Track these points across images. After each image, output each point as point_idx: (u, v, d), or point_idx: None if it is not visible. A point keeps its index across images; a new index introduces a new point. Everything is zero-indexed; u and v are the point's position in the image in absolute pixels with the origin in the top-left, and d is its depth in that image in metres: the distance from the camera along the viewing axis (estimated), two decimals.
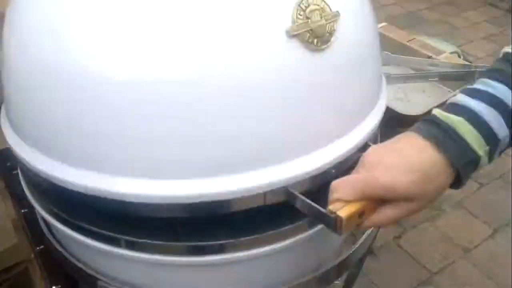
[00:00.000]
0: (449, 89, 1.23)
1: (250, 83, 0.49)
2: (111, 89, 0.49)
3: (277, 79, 0.50)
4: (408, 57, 1.21)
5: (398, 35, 1.31)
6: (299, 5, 0.49)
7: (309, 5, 0.50)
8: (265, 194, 0.52)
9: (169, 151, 0.49)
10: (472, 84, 0.48)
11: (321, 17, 0.50)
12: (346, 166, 0.58)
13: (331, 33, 0.51)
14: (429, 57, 1.24)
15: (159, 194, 0.50)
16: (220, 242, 0.55)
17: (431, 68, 1.20)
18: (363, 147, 0.59)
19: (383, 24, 1.32)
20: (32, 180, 0.62)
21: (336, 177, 0.56)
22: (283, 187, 0.53)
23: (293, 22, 0.49)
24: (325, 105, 0.54)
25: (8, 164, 0.77)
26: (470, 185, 1.70)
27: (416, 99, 1.20)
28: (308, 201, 0.52)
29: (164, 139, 0.49)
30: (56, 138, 0.53)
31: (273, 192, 0.52)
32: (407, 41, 1.28)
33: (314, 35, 0.50)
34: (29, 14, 0.55)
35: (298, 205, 0.53)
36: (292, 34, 0.49)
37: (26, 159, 0.57)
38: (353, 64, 0.55)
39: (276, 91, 0.50)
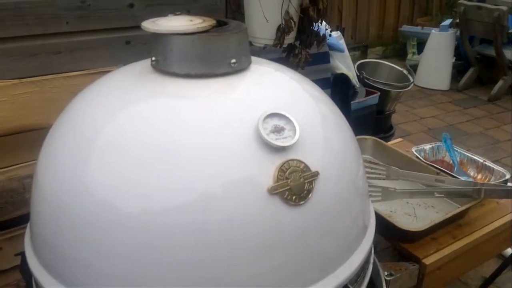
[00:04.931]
0: (458, 205, 1.24)
1: (233, 234, 0.55)
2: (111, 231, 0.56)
3: (257, 230, 0.56)
4: (416, 172, 1.24)
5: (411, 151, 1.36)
6: (280, 167, 0.56)
7: (289, 167, 0.57)
8: None
9: None
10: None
11: (300, 177, 0.57)
12: None
13: (309, 191, 0.57)
14: (438, 173, 1.27)
15: None
16: None
17: (438, 184, 1.22)
18: None
19: (399, 140, 1.37)
20: None
21: None
22: None
23: (274, 181, 0.56)
24: (303, 253, 0.59)
25: None
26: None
27: (423, 215, 1.21)
28: None
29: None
30: (61, 266, 0.60)
31: None
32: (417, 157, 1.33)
33: (292, 193, 0.56)
34: (58, 152, 0.64)
35: None
36: (272, 193, 0.55)
37: (38, 277, 0.64)
38: (332, 216, 0.61)
39: (256, 242, 0.56)
